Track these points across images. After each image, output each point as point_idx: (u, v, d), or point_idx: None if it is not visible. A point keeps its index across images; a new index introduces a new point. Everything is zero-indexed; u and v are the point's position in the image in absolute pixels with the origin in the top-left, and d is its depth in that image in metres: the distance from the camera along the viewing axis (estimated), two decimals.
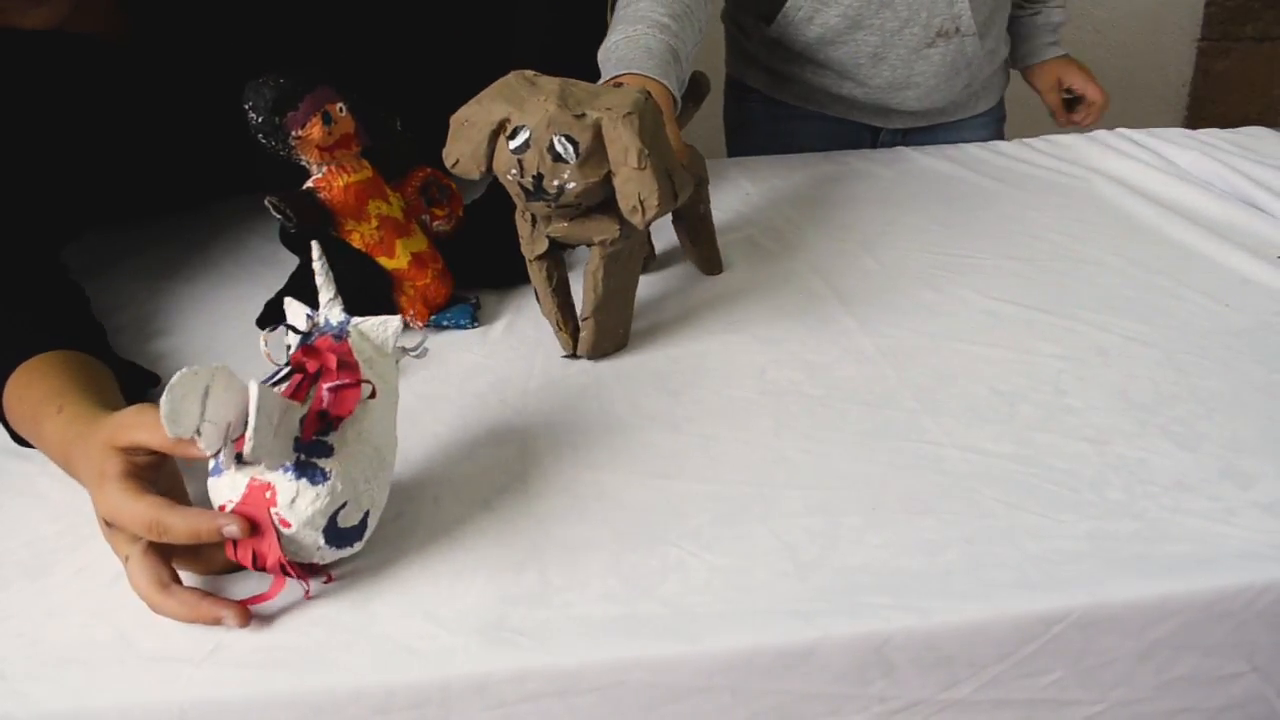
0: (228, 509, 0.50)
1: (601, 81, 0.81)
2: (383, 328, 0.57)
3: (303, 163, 0.70)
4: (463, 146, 0.65)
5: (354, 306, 0.56)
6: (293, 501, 0.49)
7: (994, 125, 1.28)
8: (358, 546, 0.53)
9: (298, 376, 0.51)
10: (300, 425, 0.50)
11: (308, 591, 0.52)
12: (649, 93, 0.66)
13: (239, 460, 0.49)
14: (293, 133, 0.67)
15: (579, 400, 0.69)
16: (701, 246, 0.85)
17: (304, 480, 0.49)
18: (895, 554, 0.55)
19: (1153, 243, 0.93)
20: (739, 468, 0.62)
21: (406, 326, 0.67)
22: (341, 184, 0.71)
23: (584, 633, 0.50)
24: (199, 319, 0.81)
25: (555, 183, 0.63)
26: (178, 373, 0.45)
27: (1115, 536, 0.56)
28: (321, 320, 0.55)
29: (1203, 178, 1.06)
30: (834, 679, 0.51)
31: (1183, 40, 2.19)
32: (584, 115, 0.62)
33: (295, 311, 0.56)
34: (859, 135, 1.22)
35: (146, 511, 0.49)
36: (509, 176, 0.64)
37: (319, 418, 0.50)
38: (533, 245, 0.70)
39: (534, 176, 0.62)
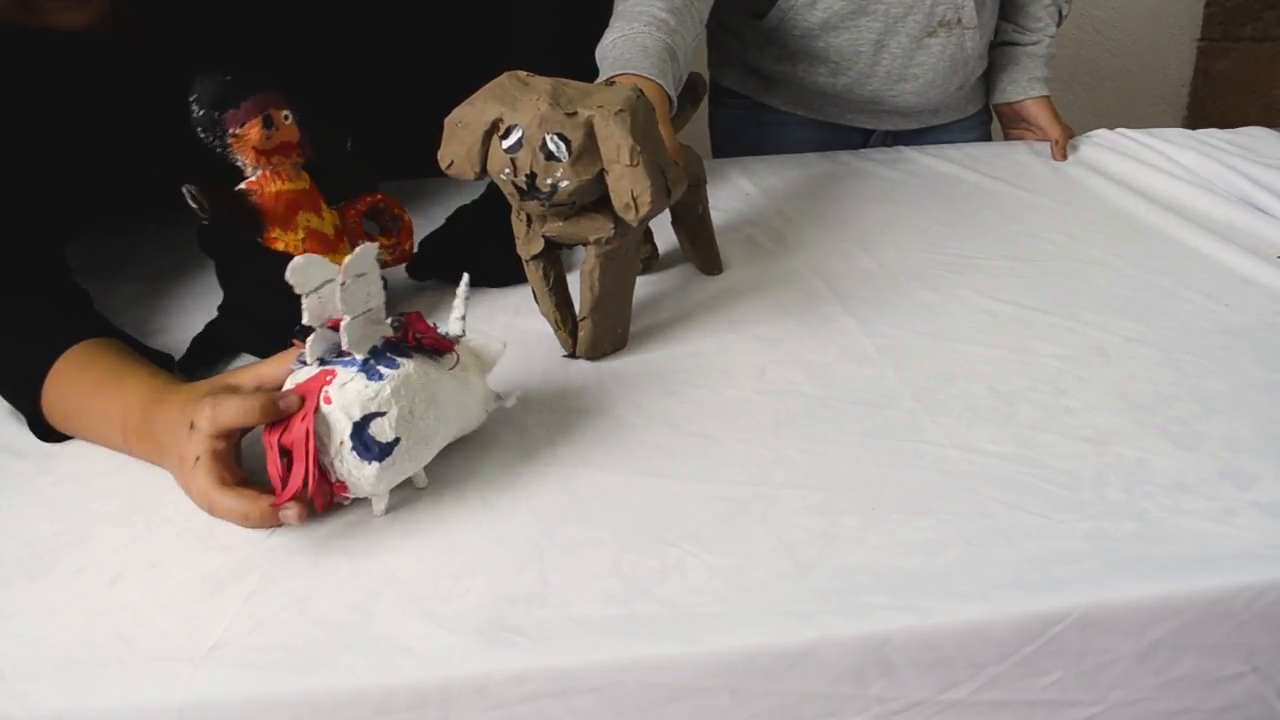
0: None
1: (599, 80, 0.81)
2: (488, 348, 0.64)
3: (238, 163, 0.69)
4: (457, 148, 0.65)
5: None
6: (344, 385, 0.54)
7: (980, 128, 1.27)
8: (371, 468, 0.54)
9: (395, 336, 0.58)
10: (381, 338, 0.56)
11: (312, 490, 0.53)
12: (641, 90, 0.66)
13: (321, 362, 0.55)
14: (230, 130, 0.67)
15: (579, 400, 0.69)
16: (701, 247, 0.85)
17: (362, 374, 0.54)
18: (894, 554, 0.55)
19: (1153, 243, 0.93)
20: (739, 468, 0.62)
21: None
22: (274, 190, 0.70)
23: (583, 633, 0.50)
24: (199, 319, 0.80)
25: (548, 181, 0.62)
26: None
27: (1115, 537, 0.56)
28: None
29: (1203, 178, 1.06)
30: (833, 679, 0.51)
31: (1183, 40, 2.19)
32: (576, 113, 0.62)
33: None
34: (849, 141, 1.22)
35: (209, 395, 0.55)
36: (502, 176, 0.64)
37: (402, 337, 0.57)
38: (529, 245, 0.70)
39: (527, 175, 0.62)
